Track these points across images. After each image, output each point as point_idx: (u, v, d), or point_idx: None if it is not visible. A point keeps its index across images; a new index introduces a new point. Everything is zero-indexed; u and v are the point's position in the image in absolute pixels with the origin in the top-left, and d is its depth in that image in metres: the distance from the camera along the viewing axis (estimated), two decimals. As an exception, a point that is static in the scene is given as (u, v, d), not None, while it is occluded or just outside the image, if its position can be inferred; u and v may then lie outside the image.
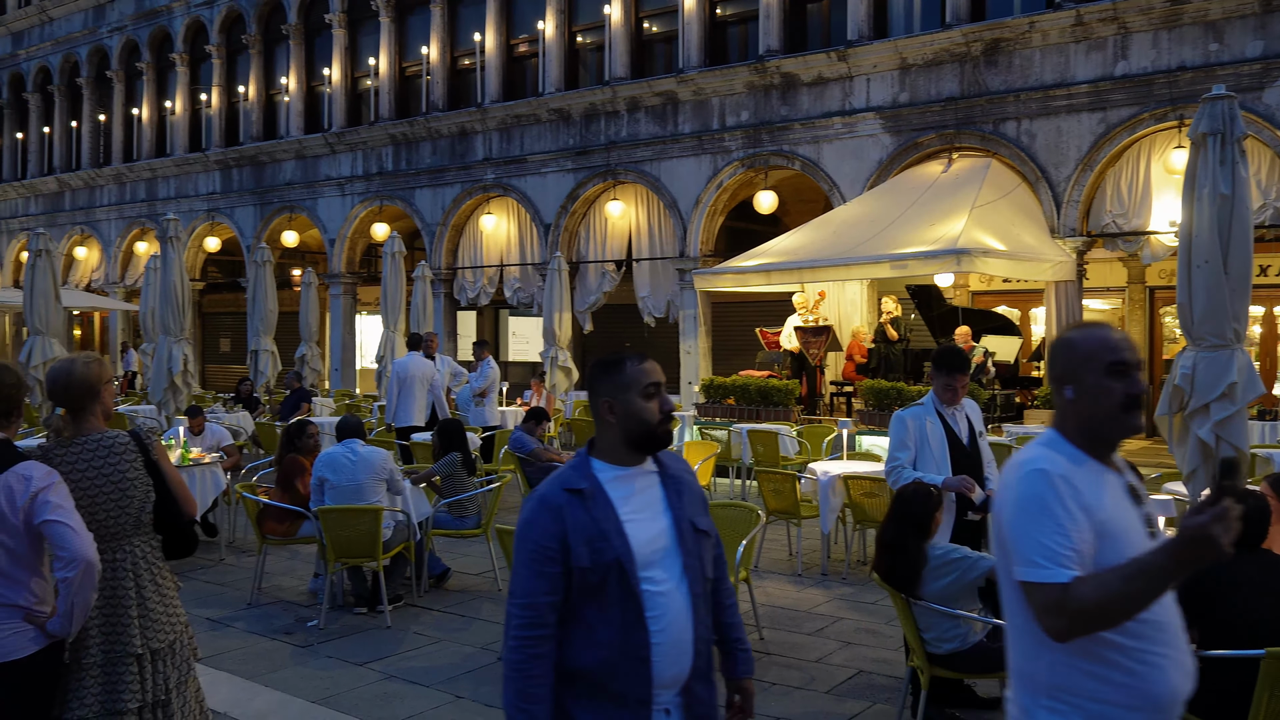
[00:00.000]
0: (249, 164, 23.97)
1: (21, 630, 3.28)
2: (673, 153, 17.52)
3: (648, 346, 19.89)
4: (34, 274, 13.74)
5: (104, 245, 27.48)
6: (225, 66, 24.64)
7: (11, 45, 29.98)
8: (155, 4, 25.84)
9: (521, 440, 10.23)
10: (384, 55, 21.45)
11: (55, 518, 3.22)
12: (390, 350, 15.94)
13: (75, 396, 3.65)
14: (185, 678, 3.82)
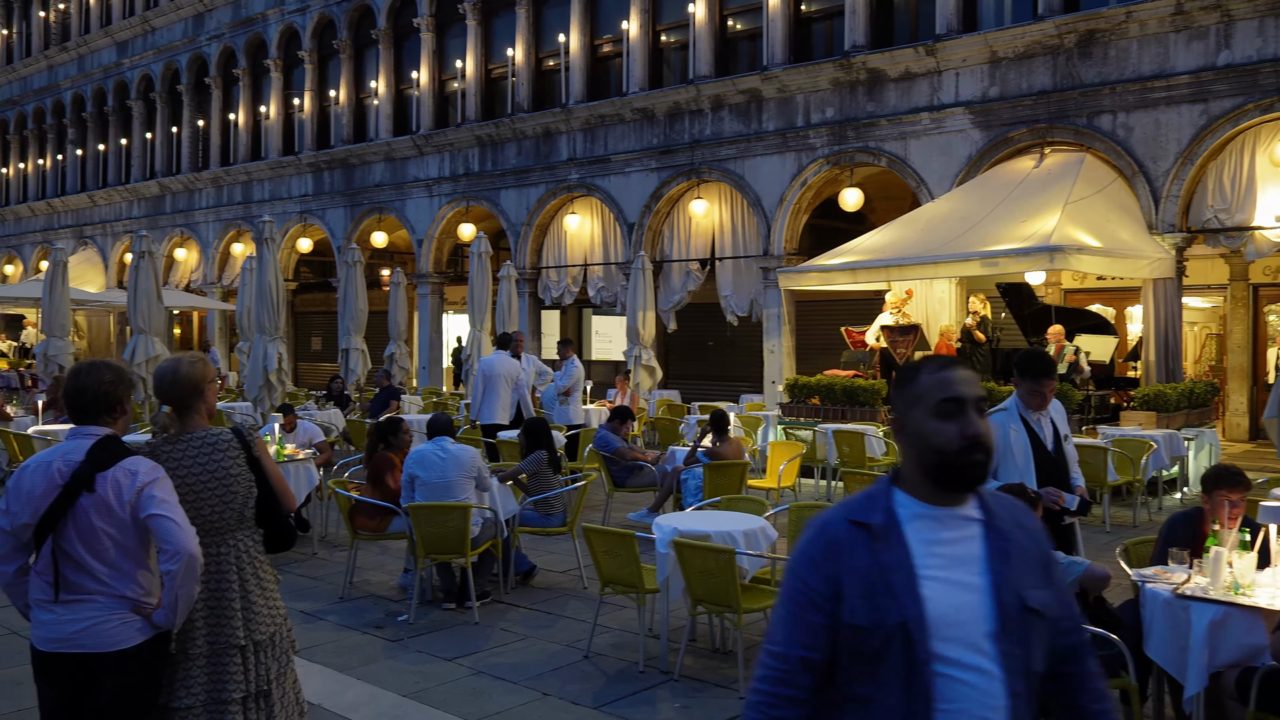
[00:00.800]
0: (340, 166, 24.50)
1: (129, 621, 3.38)
2: (757, 151, 17.43)
3: (731, 346, 19.84)
4: (137, 275, 14.24)
5: (202, 247, 28.35)
6: (317, 71, 25.22)
7: (117, 54, 31.10)
8: (251, 12, 26.57)
9: (606, 439, 10.27)
10: (470, 58, 21.74)
11: (160, 512, 3.32)
12: (477, 349, 16.14)
13: (181, 394, 3.76)
14: (285, 669, 3.91)
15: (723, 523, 6.32)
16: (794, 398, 14.49)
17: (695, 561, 5.71)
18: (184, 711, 3.62)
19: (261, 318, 13.72)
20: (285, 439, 9.88)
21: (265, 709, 3.79)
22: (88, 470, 3.32)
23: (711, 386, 19.52)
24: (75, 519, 3.31)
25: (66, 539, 3.32)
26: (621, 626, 6.92)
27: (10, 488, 3.39)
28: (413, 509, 7.14)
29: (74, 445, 3.40)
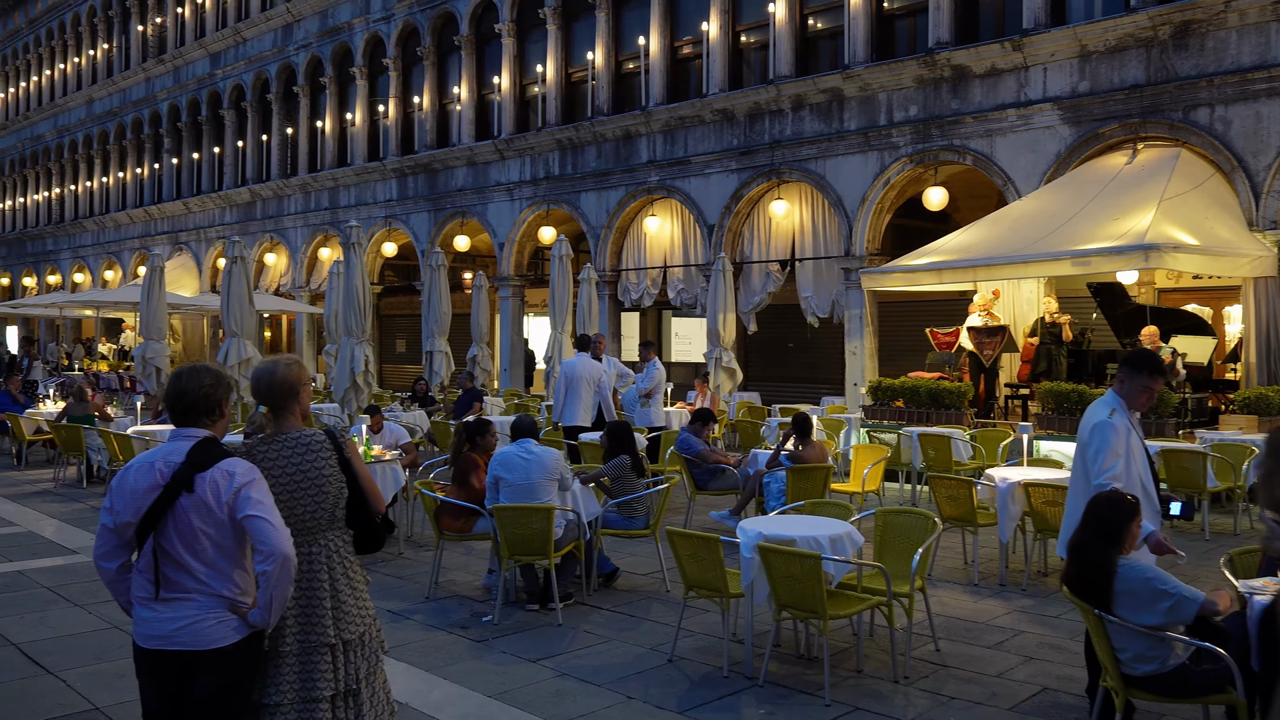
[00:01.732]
0: (423, 172, 24.89)
1: (226, 620, 3.46)
2: (838, 150, 17.25)
3: (811, 347, 19.66)
4: (230, 279, 14.64)
5: (291, 251, 29.04)
6: (401, 78, 25.66)
7: (210, 65, 32.04)
8: (337, 21, 27.14)
9: (688, 442, 10.25)
10: (551, 62, 21.91)
11: (256, 513, 3.39)
12: (558, 352, 16.24)
13: (276, 396, 3.84)
14: (374, 668, 3.96)
15: (807, 527, 6.25)
16: (877, 400, 14.30)
17: (780, 566, 5.65)
18: (274, 708, 3.69)
19: (349, 321, 13.98)
20: (372, 440, 10.04)
21: (355, 708, 3.84)
22: (187, 471, 3.40)
23: (792, 389, 19.36)
24: (175, 519, 3.39)
25: (167, 538, 3.40)
26: (705, 630, 6.89)
27: (114, 486, 3.50)
28: (497, 510, 7.20)
29: (175, 446, 3.49)
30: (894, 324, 17.80)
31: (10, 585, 8.24)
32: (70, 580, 8.33)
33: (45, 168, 42.03)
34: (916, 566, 6.03)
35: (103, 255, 37.75)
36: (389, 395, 20.24)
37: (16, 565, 8.97)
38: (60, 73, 40.72)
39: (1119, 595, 4.45)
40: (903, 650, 6.17)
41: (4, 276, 45.05)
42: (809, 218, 18.29)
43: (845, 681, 5.90)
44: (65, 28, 40.14)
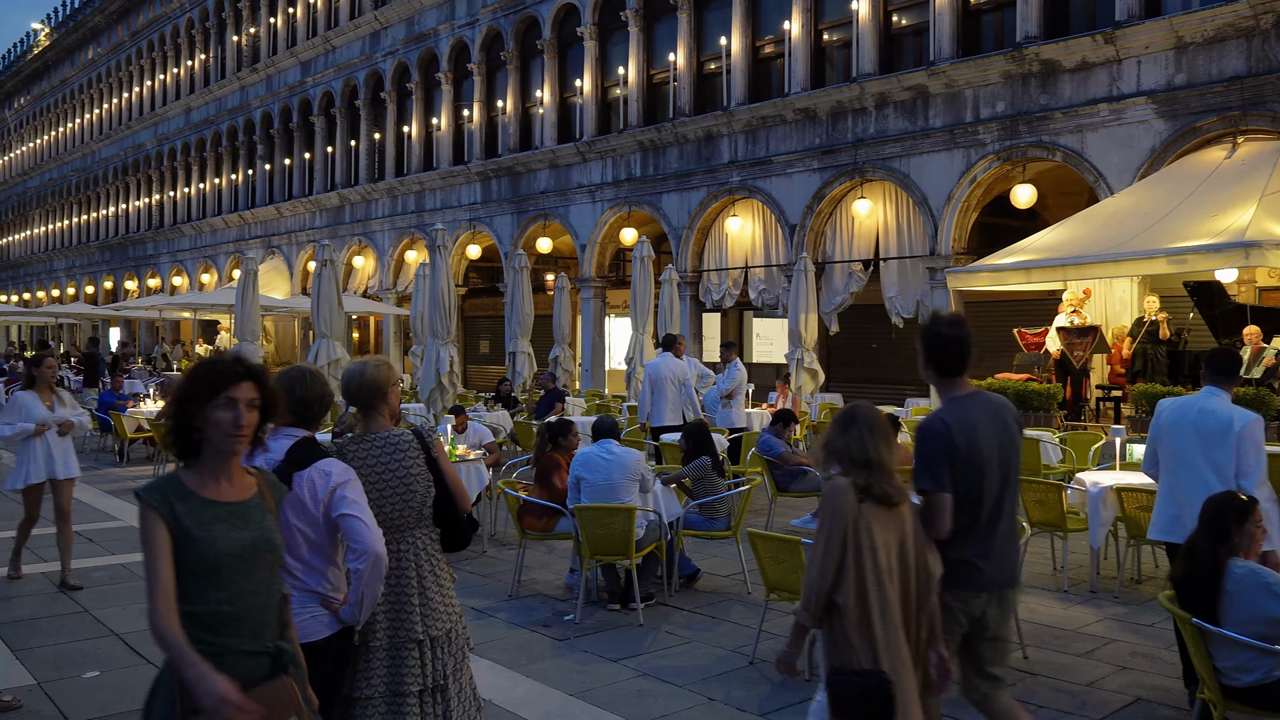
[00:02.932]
0: (507, 174, 25.19)
1: (318, 615, 3.55)
2: (923, 148, 17.00)
3: (895, 348, 19.39)
4: (320, 282, 14.99)
5: (378, 254, 29.63)
6: (485, 83, 26.01)
7: (301, 73, 32.87)
8: (423, 28, 27.63)
9: (770, 443, 10.19)
10: (632, 64, 22.00)
11: (350, 512, 3.48)
12: (639, 353, 16.29)
13: (366, 396, 3.93)
14: (461, 665, 4.02)
15: (892, 530, 6.16)
16: (963, 402, 14.02)
17: (863, 569, 5.59)
18: (364, 702, 3.77)
19: (434, 322, 14.21)
20: (457, 440, 10.19)
21: (443, 703, 3.90)
22: (286, 470, 3.51)
23: (875, 390, 19.12)
24: (273, 516, 3.50)
25: (262, 534, 3.51)
26: (786, 633, 6.83)
27: None
28: (579, 510, 7.26)
29: (275, 445, 3.60)
30: (980, 324, 17.42)
31: (113, 578, 8.56)
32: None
33: (146, 175, 43.56)
34: (1004, 572, 5.90)
35: (200, 259, 38.98)
36: (473, 396, 20.51)
37: (119, 558, 9.31)
38: (160, 83, 42.17)
39: (1228, 594, 4.31)
40: (989, 657, 6.05)
41: (107, 280, 46.82)
42: (893, 217, 18.07)
43: (930, 687, 5.81)
44: (165, 40, 41.56)
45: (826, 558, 3.57)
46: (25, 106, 57.12)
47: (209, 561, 2.76)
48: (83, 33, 48.59)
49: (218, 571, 2.78)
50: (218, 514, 2.82)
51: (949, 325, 4.34)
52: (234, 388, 2.84)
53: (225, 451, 2.84)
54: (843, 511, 3.57)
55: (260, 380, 2.92)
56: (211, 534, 2.77)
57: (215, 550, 2.76)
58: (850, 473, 3.65)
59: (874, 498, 3.61)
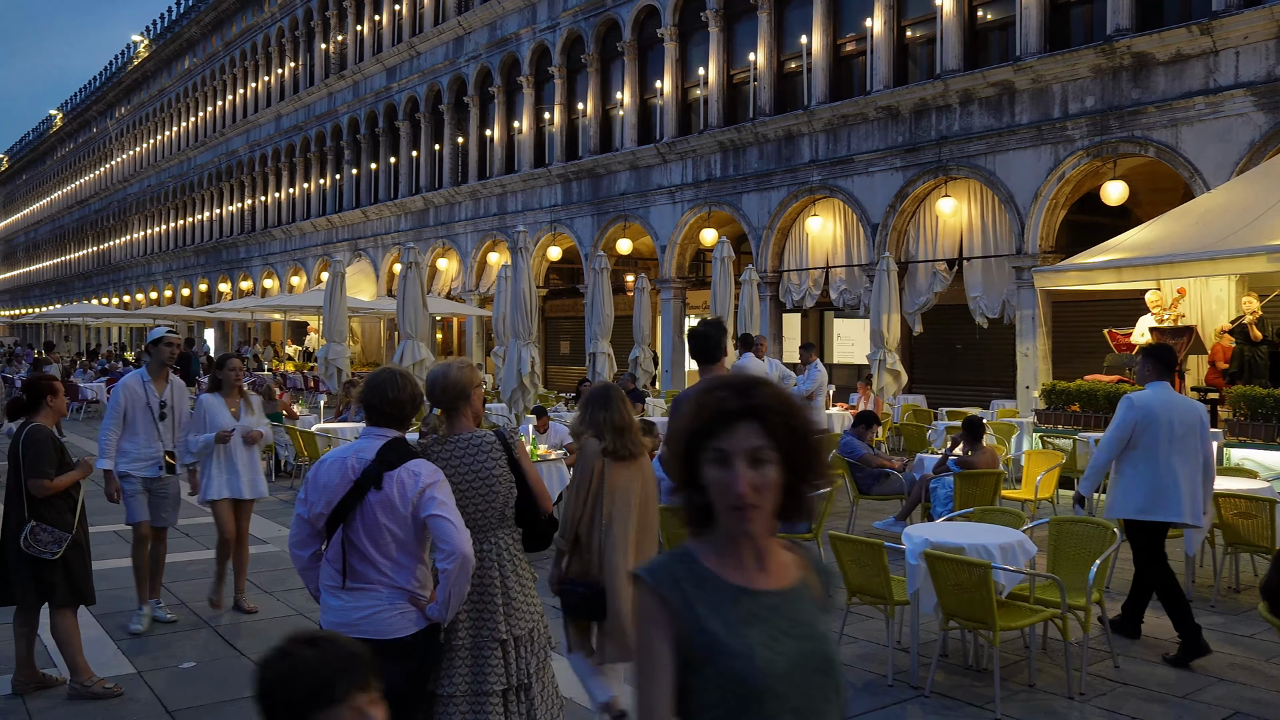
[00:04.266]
0: (587, 176, 25.35)
1: (406, 612, 3.63)
2: (1009, 145, 16.67)
3: (980, 349, 19.06)
4: (405, 284, 15.26)
5: (462, 256, 30.06)
6: (566, 86, 26.22)
7: (386, 79, 33.51)
8: (505, 32, 27.95)
9: (851, 445, 10.10)
10: (713, 64, 21.97)
11: (439, 513, 3.55)
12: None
13: (450, 398, 4.01)
14: (543, 664, 4.07)
15: (977, 535, 6.07)
16: (1051, 404, 13.74)
17: (948, 575, 5.52)
18: (448, 699, 3.84)
19: (516, 323, 14.36)
20: (538, 440, 10.31)
21: (526, 702, 3.95)
22: (377, 469, 3.59)
23: (959, 391, 18.81)
24: (363, 513, 3.59)
25: (354, 531, 3.60)
26: (868, 637, 6.79)
27: (309, 479, 3.73)
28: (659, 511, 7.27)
29: (366, 444, 3.69)
30: (1069, 325, 17.08)
31: (207, 571, 8.83)
32: (260, 568, 8.86)
33: (238, 180, 44.84)
34: (1094, 579, 5.79)
35: (289, 262, 39.98)
36: (554, 396, 20.68)
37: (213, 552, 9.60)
38: (252, 91, 43.37)
39: None
40: (1078, 665, 5.92)
41: (202, 282, 48.30)
42: (977, 215, 17.75)
43: (1017, 696, 5.71)
44: (256, 49, 42.73)
45: (576, 496, 4.61)
46: (126, 116, 59.23)
47: (745, 684, 1.81)
48: (179, 44, 50.20)
49: (759, 701, 1.82)
50: (752, 610, 1.88)
51: (702, 324, 5.81)
52: (726, 433, 1.86)
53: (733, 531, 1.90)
54: (591, 465, 4.56)
55: (772, 420, 1.86)
56: (747, 642, 1.84)
57: (754, 667, 1.82)
58: (602, 437, 4.59)
59: (619, 455, 4.58)
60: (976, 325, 17.98)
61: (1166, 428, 6.31)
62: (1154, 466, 6.33)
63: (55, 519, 5.57)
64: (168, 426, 7.11)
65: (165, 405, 7.08)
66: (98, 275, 63.47)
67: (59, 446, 5.70)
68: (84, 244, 66.47)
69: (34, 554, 5.49)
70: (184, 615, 7.43)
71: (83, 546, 5.75)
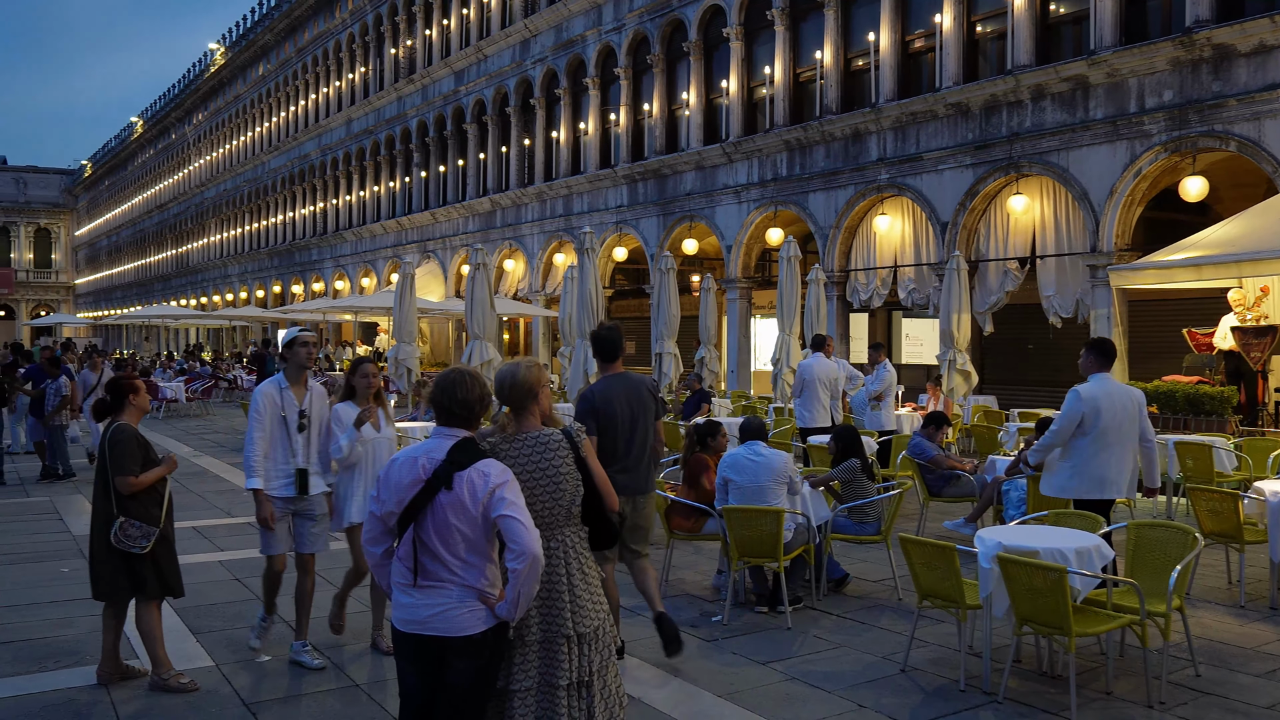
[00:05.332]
0: (652, 177, 25.38)
1: (475, 610, 3.66)
2: (1082, 141, 16.33)
3: (1053, 349, 18.69)
4: (473, 285, 15.43)
5: (528, 257, 30.30)
6: (632, 86, 26.28)
7: (454, 83, 33.90)
8: (571, 34, 28.11)
9: (921, 446, 9.98)
10: (778, 63, 21.85)
11: (509, 513, 3.58)
12: (785, 353, 16.16)
13: (518, 397, 4.04)
14: (607, 662, 4.08)
15: (1052, 538, 5.95)
16: (1127, 405, 13.40)
17: (1022, 578, 5.42)
18: (521, 694, 3.87)
19: (582, 323, 14.45)
20: (605, 440, 10.32)
21: (586, 699, 3.96)
22: (447, 469, 3.63)
23: (1032, 392, 18.46)
24: (433, 512, 3.63)
25: (425, 530, 3.64)
26: (939, 641, 6.69)
27: (381, 478, 3.78)
28: (726, 511, 7.26)
29: (437, 444, 3.73)
30: (1145, 324, 16.67)
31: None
32: (335, 565, 9.00)
33: (310, 184, 45.70)
34: (1174, 584, 5.63)
35: (360, 264, 40.64)
36: (619, 396, 20.67)
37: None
38: (323, 96, 44.19)
39: None
40: (1157, 673, 5.78)
41: (276, 284, 49.33)
42: (1050, 213, 17.41)
43: (1093, 703, 5.59)
44: (328, 54, 43.52)
45: None
46: (203, 122, 60.73)
47: None
48: (254, 51, 51.32)
49: None
50: None
51: (603, 329, 6.53)
52: None
53: None
54: None
55: None
56: None
57: None
58: None
59: None
60: (1049, 325, 17.64)
61: (1109, 416, 6.96)
62: (1099, 451, 6.95)
63: (143, 514, 5.74)
64: (306, 440, 6.30)
65: (305, 415, 6.28)
66: (176, 277, 65.15)
67: (143, 444, 5.86)
68: (163, 247, 68.26)
69: (123, 548, 5.67)
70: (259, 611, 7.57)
71: (170, 540, 5.90)
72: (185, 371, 32.82)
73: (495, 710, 3.89)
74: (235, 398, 30.60)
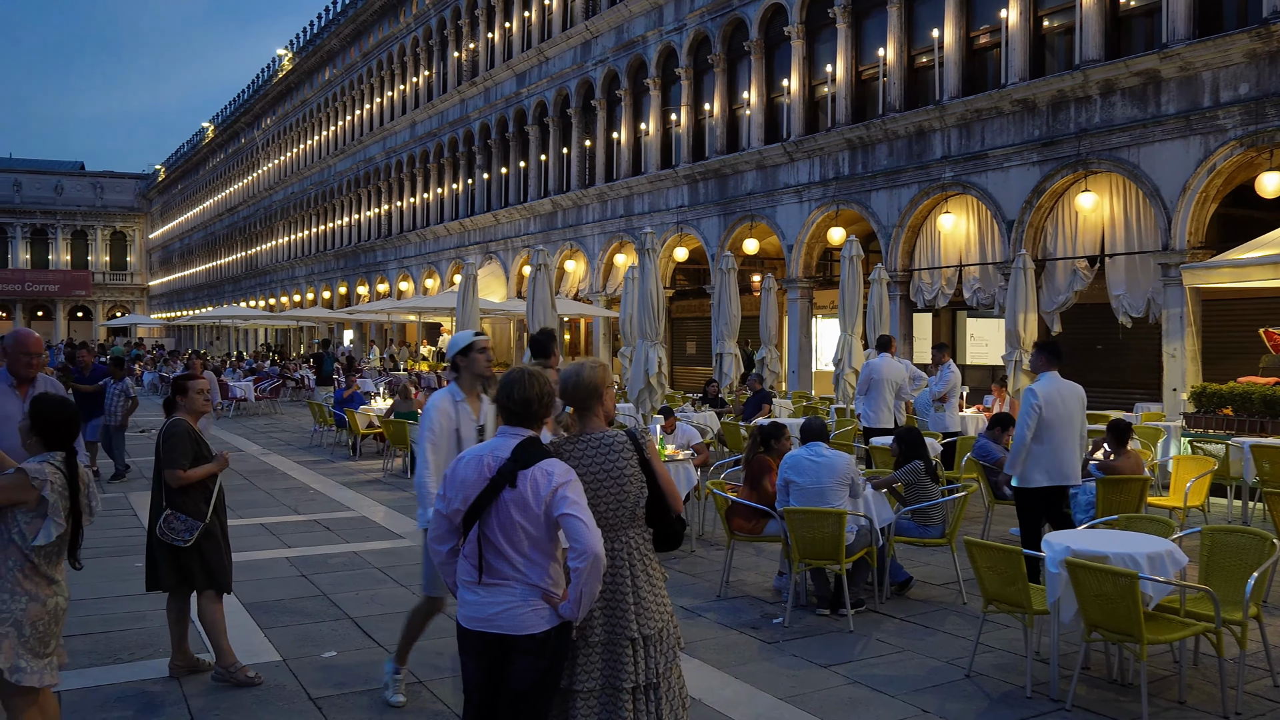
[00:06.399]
0: (713, 177, 25.32)
1: (539, 609, 3.68)
2: (1154, 136, 15.95)
3: (1123, 349, 18.31)
4: (535, 286, 15.52)
5: (589, 258, 30.41)
6: (692, 86, 26.25)
7: (516, 85, 34.15)
8: (632, 35, 28.15)
9: (987, 448, 9.83)
10: (840, 61, 21.67)
11: (571, 512, 3.59)
12: (848, 353, 16.03)
13: (582, 397, 4.05)
14: (671, 664, 4.07)
15: (1122, 543, 5.83)
16: (1201, 407, 13.09)
17: (1091, 584, 5.31)
18: (585, 695, 3.88)
19: (643, 323, 14.46)
20: (666, 440, 10.34)
21: (654, 701, 3.96)
22: (511, 468, 3.66)
23: (1100, 394, 18.05)
24: (498, 511, 3.66)
25: (489, 528, 3.67)
26: (1005, 647, 6.59)
27: (447, 476, 3.82)
28: (788, 513, 7.22)
29: (501, 443, 3.77)
30: (1219, 324, 16.24)
31: (347, 564, 9.16)
32: (397, 563, 9.14)
33: (375, 187, 46.36)
34: (1251, 591, 5.48)
35: (424, 265, 41.13)
36: (680, 396, 20.73)
37: (353, 546, 9.96)
38: (388, 99, 44.80)
39: None
40: (1233, 683, 5.62)
41: (342, 285, 50.11)
42: (1120, 210, 17.04)
43: (1165, 713, 5.46)
44: (392, 59, 44.11)
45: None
46: (271, 126, 61.91)
47: None
48: (320, 56, 52.19)
49: None
50: None
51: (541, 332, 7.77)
52: None
53: None
54: None
55: None
56: None
57: None
58: None
59: None
60: (1119, 325, 17.27)
61: (1061, 409, 7.62)
62: (1054, 443, 7.59)
63: (190, 508, 5.88)
64: None
65: (484, 433, 5.51)
66: (246, 279, 66.50)
67: (195, 440, 6.00)
68: (233, 249, 69.72)
69: (167, 541, 5.83)
70: (324, 607, 7.71)
71: (217, 536, 6.02)
72: (254, 371, 33.51)
73: (559, 710, 3.90)
74: (302, 397, 31.16)
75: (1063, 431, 7.61)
